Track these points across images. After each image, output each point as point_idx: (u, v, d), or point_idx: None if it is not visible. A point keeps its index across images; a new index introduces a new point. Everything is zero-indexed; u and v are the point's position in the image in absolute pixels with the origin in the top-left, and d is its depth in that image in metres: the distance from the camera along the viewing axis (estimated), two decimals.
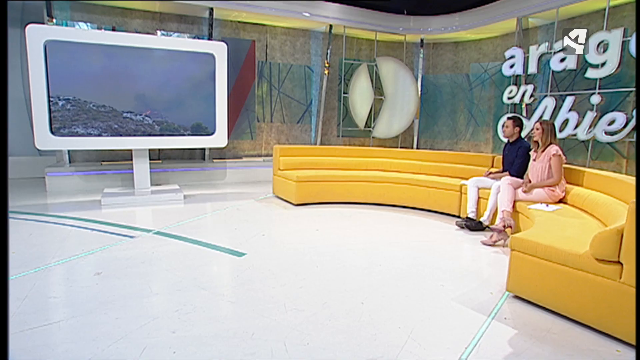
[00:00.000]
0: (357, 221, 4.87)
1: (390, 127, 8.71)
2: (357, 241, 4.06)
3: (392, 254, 3.68)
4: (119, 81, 5.48)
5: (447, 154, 5.90)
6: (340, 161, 6.22)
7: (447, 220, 4.93)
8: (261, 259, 3.47)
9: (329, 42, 8.33)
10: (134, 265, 3.24)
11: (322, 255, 3.60)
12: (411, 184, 5.41)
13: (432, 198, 5.21)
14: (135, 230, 4.24)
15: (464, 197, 4.81)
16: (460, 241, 4.15)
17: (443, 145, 9.23)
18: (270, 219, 4.93)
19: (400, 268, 3.32)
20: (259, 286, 2.89)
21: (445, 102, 9.16)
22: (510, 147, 4.66)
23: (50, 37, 5.03)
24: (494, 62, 8.25)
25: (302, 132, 8.77)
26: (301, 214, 5.18)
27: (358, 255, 3.65)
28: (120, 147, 5.60)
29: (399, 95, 8.59)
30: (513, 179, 4.25)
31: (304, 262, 3.40)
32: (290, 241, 4.01)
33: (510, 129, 4.60)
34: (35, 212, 4.94)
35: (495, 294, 2.81)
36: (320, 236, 4.20)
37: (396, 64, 8.59)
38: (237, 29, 7.79)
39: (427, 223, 4.85)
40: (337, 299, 2.70)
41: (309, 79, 8.61)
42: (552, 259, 2.47)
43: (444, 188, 5.11)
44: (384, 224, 4.77)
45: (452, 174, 5.58)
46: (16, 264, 3.19)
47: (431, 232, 4.48)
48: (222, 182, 7.53)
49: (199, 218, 4.85)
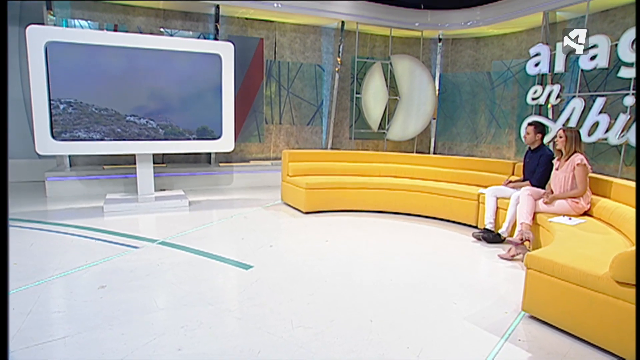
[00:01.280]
0: (368, 231, 4.97)
1: (406, 129, 8.78)
2: (368, 253, 4.16)
3: (404, 267, 3.77)
4: (122, 83, 5.66)
5: (464, 160, 5.96)
6: (352, 167, 6.33)
7: (463, 231, 5.00)
8: (268, 272, 3.59)
9: (341, 39, 8.44)
10: (139, 277, 3.39)
11: (331, 268, 3.71)
12: (426, 191, 5.49)
13: (448, 207, 5.29)
14: (140, 240, 4.40)
15: (482, 206, 4.88)
16: (477, 254, 4.22)
17: (462, 148, 9.26)
18: (279, 229, 5.05)
19: (412, 283, 3.41)
20: (266, 301, 3.01)
21: (464, 102, 9.19)
22: (532, 155, 4.70)
23: (52, 38, 5.22)
24: (517, 59, 8.25)
25: (312, 134, 8.89)
26: (310, 223, 5.30)
27: (368, 268, 3.75)
28: (123, 152, 5.79)
29: (415, 95, 8.66)
30: (533, 189, 4.29)
31: (312, 276, 3.51)
32: (299, 253, 4.13)
33: (531, 135, 4.64)
34: (35, 219, 5.14)
35: (510, 313, 2.89)
36: (329, 247, 4.31)
37: (412, 62, 8.66)
38: (244, 26, 7.95)
39: (442, 234, 4.93)
40: (345, 315, 2.81)
41: (319, 78, 8.75)
42: (570, 280, 2.53)
43: (461, 197, 5.18)
44: (396, 234, 4.86)
45: (469, 181, 5.65)
46: (19, 276, 3.36)
47: (446, 243, 4.56)
48: (228, 187, 7.69)
49: (204, 227, 5.00)
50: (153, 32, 7.38)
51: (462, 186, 5.49)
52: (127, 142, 5.73)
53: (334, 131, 8.88)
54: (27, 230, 4.69)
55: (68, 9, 6.93)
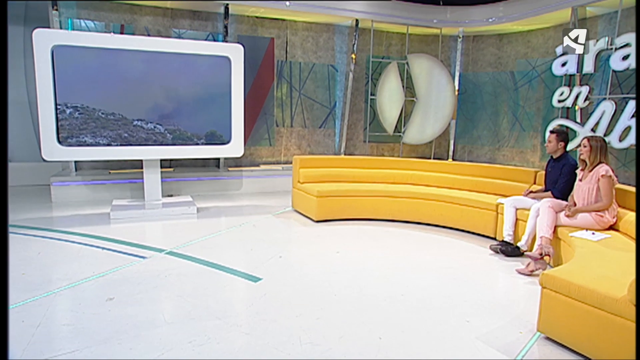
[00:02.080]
0: (381, 242, 5.08)
1: (423, 132, 8.86)
2: (379, 265, 4.27)
3: (417, 282, 3.87)
4: (129, 87, 5.86)
5: (483, 167, 6.03)
6: (365, 173, 6.44)
7: (481, 243, 5.07)
8: (277, 285, 3.72)
9: (355, 38, 8.56)
10: (146, 290, 3.55)
11: (342, 281, 3.82)
12: (442, 200, 5.57)
13: (466, 217, 5.36)
14: (147, 249, 4.58)
15: (501, 217, 4.94)
16: (494, 268, 4.30)
17: (483, 152, 9.29)
18: (289, 238, 5.19)
19: (424, 299, 3.51)
20: (274, 316, 3.14)
21: (486, 103, 9.22)
22: (554, 164, 4.73)
23: (58, 42, 5.44)
24: (544, 58, 8.23)
25: (325, 137, 9.03)
26: (321, 232, 5.42)
27: (380, 282, 3.86)
28: (130, 157, 5.99)
29: (433, 96, 8.73)
30: (555, 201, 4.34)
31: (322, 290, 3.63)
32: (309, 265, 4.26)
33: (553, 144, 4.66)
34: (42, 226, 5.36)
35: (525, 333, 2.97)
36: (340, 259, 4.43)
37: (430, 62, 8.72)
38: (254, 26, 8.12)
39: (458, 245, 5.01)
40: (354, 332, 2.92)
41: (332, 79, 8.88)
42: (587, 301, 2.59)
43: (479, 206, 5.25)
44: (410, 245, 4.96)
45: (488, 189, 5.71)
46: (28, 287, 3.55)
47: (462, 256, 4.64)
48: (237, 192, 7.86)
49: (213, 236, 5.16)
50: (160, 32, 7.60)
51: (480, 195, 5.56)
52: (134, 148, 5.93)
53: (348, 134, 9.01)
54: (33, 238, 4.90)
55: (74, 9, 7.17)
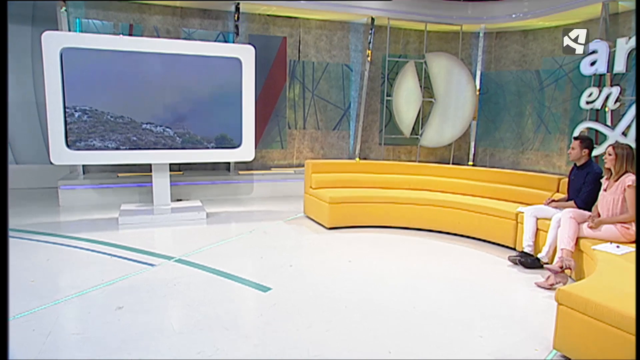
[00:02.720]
0: (395, 250, 5.18)
1: (442, 134, 8.91)
2: (392, 276, 4.36)
3: (430, 293, 3.96)
4: (138, 90, 6.05)
5: (503, 174, 6.07)
6: (380, 179, 6.54)
7: (499, 253, 5.12)
8: (287, 295, 3.85)
9: (371, 36, 8.65)
10: (155, 298, 3.71)
11: (353, 292, 3.93)
12: (460, 207, 5.64)
13: (484, 226, 5.42)
14: (156, 256, 4.74)
15: (521, 227, 4.97)
16: (512, 281, 4.35)
17: (506, 155, 9.28)
18: (300, 246, 5.32)
19: (437, 312, 3.59)
20: (284, 327, 3.26)
21: (509, 103, 9.21)
22: (578, 172, 4.73)
23: (67, 44, 5.65)
24: (572, 56, 8.10)
25: (339, 140, 9.15)
26: (334, 240, 5.54)
27: (392, 293, 3.95)
28: (139, 161, 6.20)
29: (453, 97, 8.77)
30: (577, 211, 4.35)
31: (332, 300, 3.75)
32: (320, 274, 4.38)
33: (576, 150, 4.67)
34: (50, 231, 5.58)
35: (540, 351, 3.03)
36: (352, 268, 4.54)
37: (449, 61, 8.77)
38: (266, 24, 8.27)
39: (475, 255, 5.08)
40: (363, 346, 3.03)
41: (347, 79, 9.00)
42: (604, 320, 2.62)
43: (498, 215, 5.29)
44: (425, 255, 5.05)
45: (508, 197, 5.74)
46: (37, 294, 3.74)
47: (479, 267, 4.71)
48: (248, 196, 8.03)
49: (222, 243, 5.31)
50: (170, 31, 7.79)
51: (499, 203, 5.60)
52: (143, 152, 6.12)
53: (363, 136, 9.10)
54: (42, 244, 5.11)
55: (82, 9, 7.40)
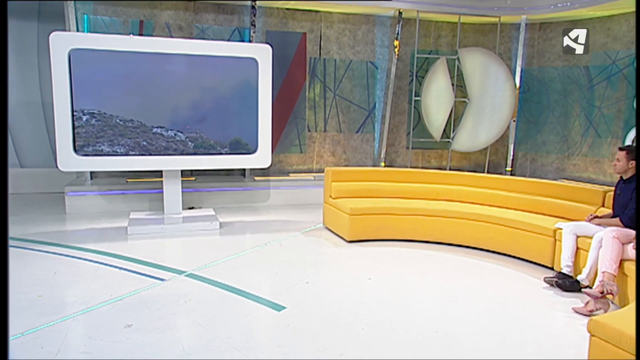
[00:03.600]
0: (419, 267, 5.32)
1: (476, 138, 9.00)
2: (415, 295, 4.52)
3: (454, 317, 4.09)
4: (148, 92, 6.35)
5: (541, 184, 6.12)
6: (405, 188, 6.68)
7: (534, 273, 5.19)
8: (302, 315, 4.05)
9: (398, 30, 8.79)
10: (166, 316, 3.96)
11: (371, 313, 4.10)
12: (492, 221, 5.73)
13: (518, 242, 5.50)
14: (166, 270, 5.01)
15: (559, 244, 5.01)
16: (546, 305, 4.42)
17: (549, 160, 9.27)
18: (317, 261, 5.52)
19: (460, 338, 3.73)
20: (297, 350, 3.46)
21: (553, 103, 9.19)
22: (624, 186, 4.71)
23: (75, 45, 5.97)
24: (628, 50, 7.95)
25: (362, 143, 9.33)
26: (354, 254, 5.72)
27: (412, 315, 4.10)
28: (149, 168, 6.50)
29: (489, 96, 8.84)
30: (622, 230, 4.31)
31: (349, 322, 3.93)
32: (337, 292, 4.57)
33: (622, 163, 4.64)
34: (56, 241, 5.90)
35: None
36: (372, 287, 4.71)
37: (485, 57, 8.84)
38: (284, 19, 8.51)
39: (507, 275, 5.17)
40: None
41: (372, 77, 9.17)
42: None
43: (534, 231, 5.35)
44: (452, 273, 5.18)
45: (547, 210, 5.79)
46: (44, 310, 4.02)
47: (511, 287, 4.80)
48: (264, 204, 8.28)
49: (236, 256, 5.55)
50: (182, 27, 8.11)
51: (536, 217, 5.65)
52: (153, 158, 6.41)
53: (389, 139, 9.26)
54: (48, 255, 5.43)
55: (90, 5, 7.76)
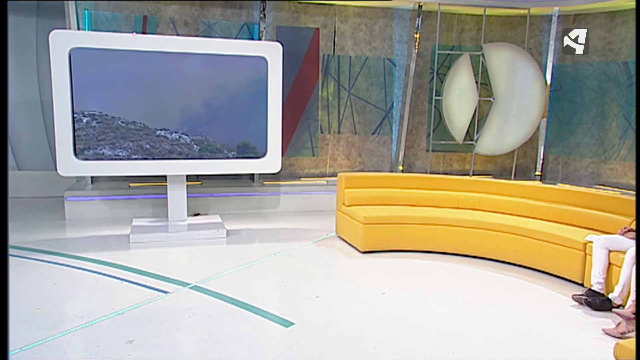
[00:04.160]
0: (437, 281, 5.38)
1: (502, 140, 9.01)
2: (431, 312, 4.58)
3: (473, 337, 4.14)
4: (151, 93, 6.52)
5: (572, 193, 6.13)
6: (423, 195, 6.73)
7: (562, 289, 5.19)
8: (311, 331, 4.15)
9: (418, 25, 8.84)
10: (169, 332, 4.08)
11: (384, 331, 4.18)
12: (517, 232, 5.76)
13: (545, 255, 5.52)
14: (170, 282, 5.15)
15: (590, 259, 4.99)
16: (574, 325, 4.41)
17: (583, 164, 9.22)
18: (329, 273, 5.61)
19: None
20: None
21: (588, 102, 9.12)
22: None
23: (76, 44, 6.14)
24: None
25: (379, 145, 9.42)
26: (367, 266, 5.81)
27: (428, 335, 4.15)
28: (152, 172, 6.67)
29: (516, 95, 8.85)
30: None
31: (360, 340, 4.02)
32: (348, 308, 4.65)
33: None
34: (56, 250, 6.08)
35: None
36: (385, 302, 4.79)
37: (512, 52, 8.85)
38: (296, 13, 8.62)
39: (533, 291, 5.20)
40: None
41: (389, 75, 9.25)
42: None
43: (562, 243, 5.36)
44: (472, 287, 5.23)
45: (577, 221, 5.78)
46: (44, 324, 4.17)
47: (536, 305, 4.82)
48: (274, 210, 8.41)
49: (243, 267, 5.67)
50: (188, 23, 8.27)
51: (566, 228, 5.64)
52: (157, 162, 6.57)
53: (407, 142, 9.32)
54: (48, 265, 5.60)
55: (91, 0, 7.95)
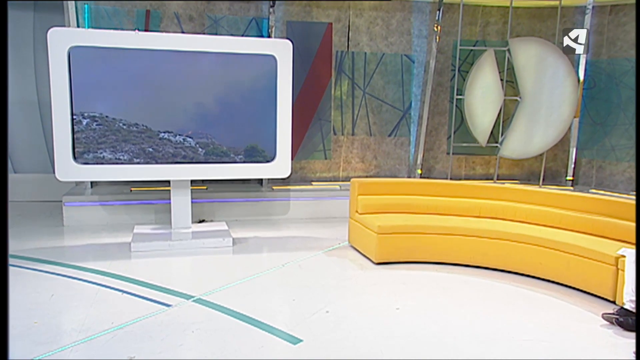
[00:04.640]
0: (455, 296, 5.39)
1: (529, 143, 8.98)
2: (447, 330, 4.58)
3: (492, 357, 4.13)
4: (155, 94, 6.62)
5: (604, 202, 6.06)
6: (442, 203, 6.75)
7: (592, 306, 5.15)
8: (319, 349, 4.18)
9: (439, 18, 8.85)
10: (171, 348, 4.15)
11: (397, 350, 4.19)
12: (543, 244, 5.73)
13: (573, 269, 5.49)
14: (173, 294, 5.23)
15: (622, 274, 4.96)
16: (604, 347, 4.37)
17: (620, 169, 9.14)
18: (340, 286, 5.64)
19: None
20: None
21: (625, 101, 9.04)
22: None
23: (76, 42, 6.26)
24: None
25: (396, 148, 9.45)
26: (381, 279, 5.84)
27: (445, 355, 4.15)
28: (154, 178, 6.76)
29: (545, 94, 8.81)
30: None
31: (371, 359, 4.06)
32: (360, 324, 4.67)
33: None
34: (53, 259, 6.20)
35: None
36: (400, 319, 4.81)
37: (541, 48, 8.81)
38: (307, 7, 8.68)
39: (559, 307, 5.17)
40: None
41: (407, 72, 9.26)
42: None
43: (592, 257, 5.31)
44: (493, 303, 5.22)
45: (609, 233, 5.74)
46: (41, 339, 4.25)
47: (563, 324, 4.77)
48: (283, 217, 8.48)
49: (249, 279, 5.74)
50: (193, 17, 8.37)
51: (597, 240, 5.62)
52: (160, 167, 6.67)
53: (427, 144, 9.34)
54: (45, 275, 5.71)
55: None
